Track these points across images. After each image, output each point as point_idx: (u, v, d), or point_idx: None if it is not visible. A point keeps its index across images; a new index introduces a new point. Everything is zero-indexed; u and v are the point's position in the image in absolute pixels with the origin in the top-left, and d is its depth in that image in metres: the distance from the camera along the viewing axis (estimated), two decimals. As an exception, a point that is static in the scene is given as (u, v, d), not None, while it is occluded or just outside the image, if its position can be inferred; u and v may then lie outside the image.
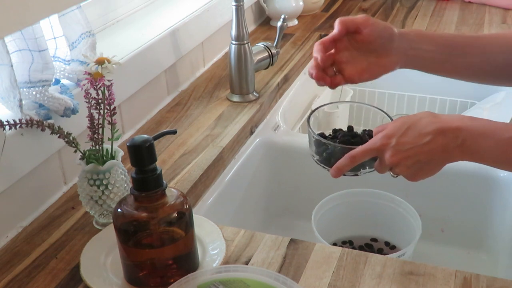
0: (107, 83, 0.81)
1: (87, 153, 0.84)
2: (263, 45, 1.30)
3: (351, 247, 1.15)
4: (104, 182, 0.84)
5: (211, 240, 0.82)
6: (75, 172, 0.96)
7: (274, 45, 1.30)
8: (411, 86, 1.58)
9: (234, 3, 1.19)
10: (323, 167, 0.86)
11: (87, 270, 0.78)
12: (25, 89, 0.89)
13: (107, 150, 0.86)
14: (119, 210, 0.73)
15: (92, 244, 0.83)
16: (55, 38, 0.97)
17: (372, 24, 0.85)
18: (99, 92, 0.82)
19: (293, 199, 1.29)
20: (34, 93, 0.89)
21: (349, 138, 0.86)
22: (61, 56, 0.98)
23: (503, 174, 1.12)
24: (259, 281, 0.70)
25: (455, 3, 1.83)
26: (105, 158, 0.85)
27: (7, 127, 0.76)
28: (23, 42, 0.87)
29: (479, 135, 0.76)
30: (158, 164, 0.72)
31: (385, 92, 1.61)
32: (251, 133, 1.21)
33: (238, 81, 1.25)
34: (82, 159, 0.84)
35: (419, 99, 1.59)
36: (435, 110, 1.57)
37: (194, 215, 0.76)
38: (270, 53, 1.29)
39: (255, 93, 1.27)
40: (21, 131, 0.85)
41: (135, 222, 0.73)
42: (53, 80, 0.91)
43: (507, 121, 1.22)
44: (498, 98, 1.43)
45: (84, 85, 0.81)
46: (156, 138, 0.73)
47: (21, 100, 0.84)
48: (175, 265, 0.75)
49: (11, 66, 0.82)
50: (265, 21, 1.73)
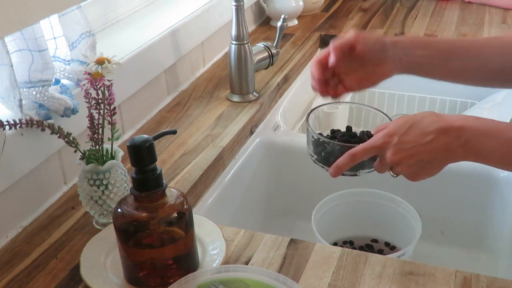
0: (107, 83, 0.81)
1: (87, 153, 0.84)
2: (263, 45, 1.30)
3: (351, 247, 1.15)
4: (104, 182, 0.84)
5: (211, 240, 0.82)
6: (75, 172, 0.96)
7: (274, 45, 1.30)
8: (411, 86, 1.57)
9: (234, 3, 1.19)
10: (321, 167, 0.85)
11: (87, 270, 0.78)
12: (25, 89, 0.89)
13: (107, 150, 0.86)
14: (119, 210, 0.73)
15: (92, 244, 0.83)
16: (55, 38, 0.97)
17: (363, 39, 0.89)
18: (99, 92, 0.81)
19: (293, 199, 1.29)
20: (34, 93, 0.89)
21: (348, 138, 0.85)
22: (61, 56, 0.98)
23: (503, 174, 1.12)
24: (259, 281, 0.70)
25: (455, 3, 1.83)
26: (105, 158, 0.85)
27: (7, 127, 0.76)
28: (23, 42, 0.87)
29: (483, 134, 0.76)
30: (158, 164, 0.72)
31: (385, 92, 1.61)
32: (251, 133, 1.21)
33: (238, 81, 1.25)
34: (82, 159, 0.84)
35: (419, 99, 1.59)
36: (435, 110, 1.56)
37: (194, 215, 0.76)
38: (270, 53, 1.29)
39: (255, 93, 1.27)
40: (21, 131, 0.85)
41: (135, 222, 0.73)
42: (53, 80, 0.91)
43: (507, 121, 1.22)
44: (498, 98, 1.42)
45: (84, 85, 0.81)
46: (156, 138, 0.73)
47: (21, 100, 0.84)
48: (175, 265, 0.75)
49: (11, 66, 0.82)
50: (265, 21, 1.73)
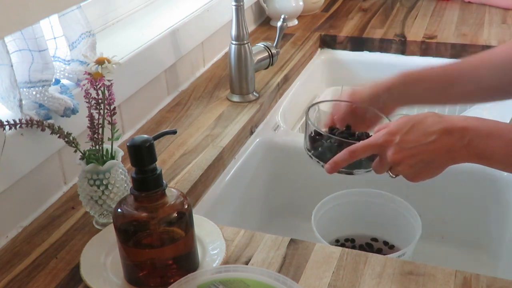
0: (107, 83, 0.81)
1: (87, 153, 0.84)
2: (263, 45, 1.30)
3: (353, 244, 1.15)
4: (104, 182, 0.84)
5: (211, 240, 0.82)
6: (75, 172, 0.96)
7: (274, 45, 1.30)
8: (411, 86, 1.57)
9: (234, 3, 1.19)
10: (317, 162, 0.84)
11: (87, 270, 0.78)
12: (25, 89, 0.89)
13: (107, 150, 0.85)
14: (119, 210, 0.73)
15: (92, 244, 0.83)
16: (55, 38, 0.97)
17: (359, 98, 0.93)
18: (99, 92, 0.81)
19: (293, 199, 1.29)
20: (34, 93, 0.89)
21: (347, 135, 0.84)
22: (61, 56, 0.98)
23: (503, 174, 1.12)
24: (259, 281, 0.70)
25: (455, 3, 1.82)
26: (105, 158, 0.85)
27: (7, 127, 0.76)
28: (23, 42, 0.87)
29: (486, 135, 0.75)
30: (158, 164, 0.72)
31: (385, 92, 1.60)
32: (251, 133, 1.21)
33: (238, 81, 1.25)
34: (82, 159, 0.84)
35: (419, 99, 1.58)
36: (435, 110, 1.56)
37: (194, 215, 0.76)
38: (270, 53, 1.29)
39: (255, 93, 1.27)
40: (21, 131, 0.85)
41: (135, 222, 0.73)
42: (53, 80, 0.91)
43: (507, 121, 1.22)
44: (498, 98, 1.42)
45: (84, 85, 0.81)
46: (156, 138, 0.73)
47: (21, 100, 0.84)
48: (175, 265, 0.75)
49: (11, 66, 0.82)
50: (265, 21, 1.73)
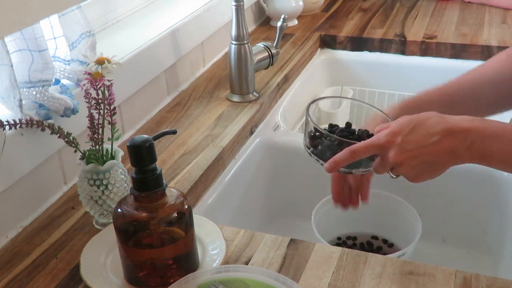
0: (107, 83, 0.81)
1: (87, 153, 0.84)
2: (263, 45, 1.30)
3: (354, 242, 1.15)
4: (104, 182, 0.84)
5: (211, 240, 0.82)
6: (75, 172, 0.96)
7: (274, 45, 1.30)
8: (411, 86, 1.57)
9: (234, 3, 1.19)
10: (316, 160, 0.83)
11: (87, 270, 0.78)
12: (25, 89, 0.89)
13: (107, 150, 0.85)
14: (119, 210, 0.73)
15: (92, 244, 0.83)
16: (55, 38, 0.97)
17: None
18: (99, 92, 0.81)
19: (293, 199, 1.29)
20: (34, 93, 0.89)
21: (347, 134, 0.83)
22: (61, 56, 0.98)
23: (503, 174, 1.11)
24: (259, 281, 0.70)
25: (455, 3, 1.82)
26: (105, 158, 0.85)
27: (7, 127, 0.76)
28: (23, 42, 0.87)
29: (489, 136, 0.74)
30: (158, 164, 0.72)
31: (385, 92, 1.61)
32: (251, 133, 1.21)
33: (238, 81, 1.25)
34: (82, 159, 0.84)
35: (419, 99, 1.58)
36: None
37: (194, 215, 0.76)
38: (270, 53, 1.29)
39: (255, 93, 1.27)
40: (21, 131, 0.85)
41: (135, 222, 0.73)
42: (53, 80, 0.91)
43: (507, 121, 1.22)
44: (498, 98, 1.42)
45: (84, 85, 0.81)
46: (156, 138, 0.73)
47: (21, 100, 0.84)
48: (175, 265, 0.75)
49: (11, 66, 0.82)
50: (265, 21, 1.73)
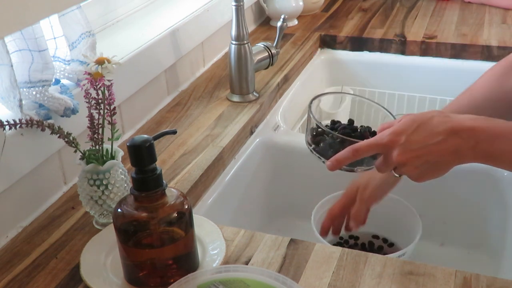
0: (107, 83, 0.81)
1: (87, 153, 0.84)
2: (263, 45, 1.30)
3: (356, 242, 1.15)
4: (104, 182, 0.84)
5: (211, 240, 0.82)
6: (75, 172, 0.96)
7: (274, 45, 1.30)
8: (411, 86, 1.58)
9: (234, 3, 1.19)
10: (318, 158, 0.82)
11: (87, 270, 0.78)
12: (25, 89, 0.89)
13: (107, 150, 0.85)
14: (119, 210, 0.73)
15: (92, 244, 0.83)
16: (55, 38, 0.97)
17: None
18: (99, 92, 0.81)
19: (293, 199, 1.29)
20: (34, 93, 0.89)
21: (350, 131, 0.82)
22: (61, 56, 0.98)
23: (504, 173, 1.12)
24: (259, 281, 0.70)
25: (455, 3, 1.82)
26: (105, 158, 0.85)
27: (7, 127, 0.76)
28: (23, 42, 0.87)
29: (494, 136, 0.73)
30: (158, 164, 0.72)
31: (385, 92, 1.61)
32: (251, 133, 1.21)
33: (238, 81, 1.24)
34: (82, 159, 0.84)
35: (419, 99, 1.58)
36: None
37: (194, 215, 0.76)
38: (270, 53, 1.29)
39: (255, 93, 1.27)
40: (21, 131, 0.85)
41: (135, 222, 0.73)
42: (53, 80, 0.91)
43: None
44: (498, 98, 1.42)
45: (84, 85, 0.81)
46: (156, 138, 0.73)
47: (21, 100, 0.84)
48: (175, 265, 0.75)
49: (11, 66, 0.82)
50: (265, 21, 1.73)
